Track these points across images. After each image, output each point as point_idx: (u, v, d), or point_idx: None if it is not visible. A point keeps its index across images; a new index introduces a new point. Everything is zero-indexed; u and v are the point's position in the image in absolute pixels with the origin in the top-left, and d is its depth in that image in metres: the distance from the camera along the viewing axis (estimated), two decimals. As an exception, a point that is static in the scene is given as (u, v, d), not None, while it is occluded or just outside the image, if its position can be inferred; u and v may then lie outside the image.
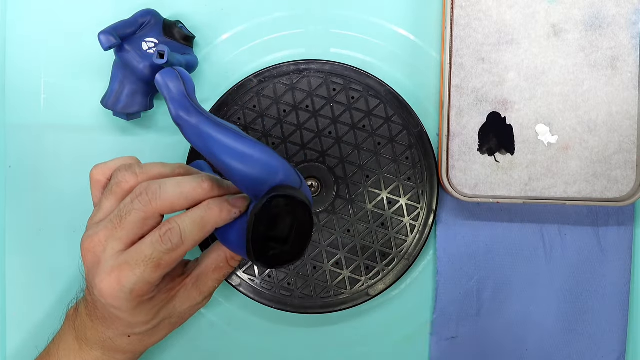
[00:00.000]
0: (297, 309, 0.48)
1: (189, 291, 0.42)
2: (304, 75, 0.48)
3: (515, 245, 0.50)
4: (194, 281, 0.42)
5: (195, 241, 0.37)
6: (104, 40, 0.44)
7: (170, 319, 0.42)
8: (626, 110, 0.47)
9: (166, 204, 0.37)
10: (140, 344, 0.42)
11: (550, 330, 0.50)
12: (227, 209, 0.37)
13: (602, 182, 0.47)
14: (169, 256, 0.37)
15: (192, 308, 0.43)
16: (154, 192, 0.37)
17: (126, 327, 0.40)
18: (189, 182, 0.38)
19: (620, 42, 0.47)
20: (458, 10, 0.47)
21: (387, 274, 0.48)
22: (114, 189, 0.39)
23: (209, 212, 0.37)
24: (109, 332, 0.41)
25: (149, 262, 0.36)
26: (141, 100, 0.47)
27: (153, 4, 0.49)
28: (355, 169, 0.48)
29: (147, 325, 0.41)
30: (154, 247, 0.36)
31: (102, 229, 0.38)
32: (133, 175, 0.39)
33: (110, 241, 0.38)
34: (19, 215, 0.51)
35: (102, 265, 0.37)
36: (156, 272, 0.37)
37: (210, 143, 0.35)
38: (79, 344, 0.43)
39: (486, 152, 0.47)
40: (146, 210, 0.37)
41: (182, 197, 0.37)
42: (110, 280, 0.37)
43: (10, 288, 0.51)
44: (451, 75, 0.47)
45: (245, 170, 0.35)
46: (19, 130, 0.51)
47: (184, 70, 0.37)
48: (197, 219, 0.37)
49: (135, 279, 0.36)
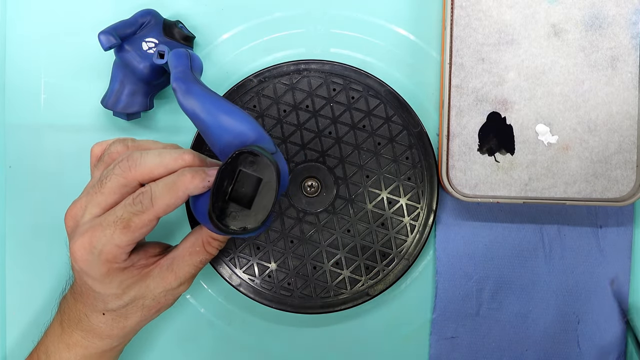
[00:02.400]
0: (297, 309, 0.48)
1: (164, 272, 0.41)
2: (304, 75, 0.48)
3: (515, 246, 0.50)
4: (170, 262, 0.42)
5: (166, 205, 0.37)
6: (104, 40, 0.44)
7: (144, 300, 0.42)
8: (626, 110, 0.47)
9: (145, 170, 0.38)
10: (115, 325, 0.42)
11: (550, 330, 0.50)
12: (200, 175, 0.37)
13: (602, 182, 0.47)
14: (138, 218, 0.37)
15: (168, 293, 0.42)
16: (135, 160, 0.38)
17: (99, 301, 0.40)
18: (170, 153, 0.38)
19: (620, 42, 0.47)
20: (458, 10, 0.47)
21: (387, 274, 0.48)
22: (105, 159, 0.41)
23: (181, 177, 0.37)
24: (85, 309, 0.41)
25: (118, 223, 0.37)
26: (141, 100, 0.47)
27: (153, 4, 0.49)
28: (355, 169, 0.48)
29: (119, 301, 0.41)
30: (125, 209, 0.37)
31: (84, 195, 0.39)
32: (124, 146, 0.40)
33: (89, 206, 0.39)
34: (19, 215, 0.51)
35: (78, 229, 0.38)
36: (125, 235, 0.37)
37: (195, 105, 0.37)
38: (62, 328, 0.43)
39: (486, 152, 0.47)
40: (125, 176, 0.38)
41: (161, 166, 0.38)
42: (82, 241, 0.38)
43: (10, 288, 0.51)
44: (451, 75, 0.47)
45: (221, 132, 0.37)
46: (19, 130, 0.51)
47: (194, 54, 0.40)
48: (169, 183, 0.37)
49: (104, 239, 0.37)
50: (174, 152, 0.38)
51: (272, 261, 0.48)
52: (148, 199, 0.37)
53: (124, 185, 0.38)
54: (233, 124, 0.37)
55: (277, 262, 0.48)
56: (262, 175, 0.36)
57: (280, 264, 0.48)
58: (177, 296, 0.43)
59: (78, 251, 0.38)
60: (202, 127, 0.38)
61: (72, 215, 0.39)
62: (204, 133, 0.38)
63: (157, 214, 0.37)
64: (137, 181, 0.38)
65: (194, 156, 0.38)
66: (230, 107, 0.38)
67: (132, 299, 0.41)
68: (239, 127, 0.37)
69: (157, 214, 0.37)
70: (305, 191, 0.48)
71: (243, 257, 0.48)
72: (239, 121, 0.37)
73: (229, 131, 0.37)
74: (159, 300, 0.42)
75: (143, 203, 0.37)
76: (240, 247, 0.48)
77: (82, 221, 0.39)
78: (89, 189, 0.39)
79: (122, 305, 0.41)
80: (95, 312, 0.41)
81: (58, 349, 0.43)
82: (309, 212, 0.48)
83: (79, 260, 0.38)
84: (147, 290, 0.41)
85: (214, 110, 0.37)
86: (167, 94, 0.51)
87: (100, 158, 0.41)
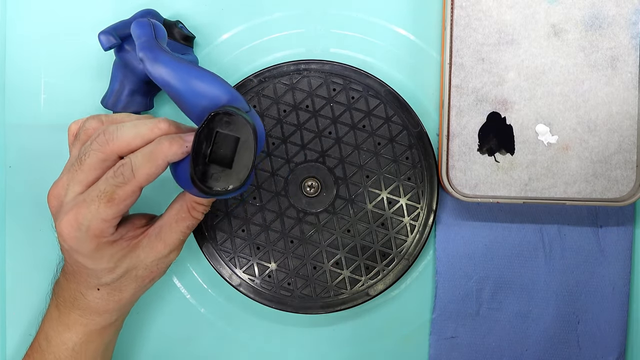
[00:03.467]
0: (297, 309, 0.48)
1: (153, 242, 0.42)
2: (304, 75, 0.48)
3: (515, 246, 0.50)
4: (157, 231, 0.42)
5: (147, 174, 0.37)
6: (104, 40, 0.44)
7: (137, 270, 0.42)
8: (626, 110, 0.47)
9: (122, 143, 0.38)
10: (111, 298, 0.42)
11: (550, 331, 0.50)
12: (178, 142, 0.37)
13: (602, 182, 0.47)
14: (121, 190, 0.37)
15: (159, 261, 0.42)
16: (111, 133, 0.38)
17: (92, 277, 0.41)
18: (145, 123, 0.38)
19: (620, 42, 0.47)
20: (458, 10, 0.47)
21: (387, 274, 0.48)
22: (81, 136, 0.41)
23: (159, 146, 0.37)
24: (80, 287, 0.41)
25: (102, 197, 0.37)
26: (141, 100, 0.47)
27: (153, 4, 0.49)
28: (355, 169, 0.48)
29: (112, 274, 0.41)
30: (107, 182, 0.37)
31: (65, 174, 0.39)
32: (99, 122, 0.40)
33: (72, 184, 0.39)
34: (19, 215, 0.51)
35: (62, 208, 0.39)
36: (110, 208, 0.37)
37: (165, 72, 0.38)
38: (58, 311, 0.43)
39: (486, 152, 0.47)
40: (104, 151, 0.38)
41: (138, 137, 0.38)
42: (68, 219, 0.38)
43: (10, 288, 0.51)
44: (451, 75, 0.47)
45: (194, 97, 0.37)
46: (19, 130, 0.51)
47: (157, 22, 0.40)
48: (147, 153, 0.37)
49: (90, 215, 0.37)
50: (148, 122, 0.39)
51: (272, 261, 0.48)
52: (129, 170, 0.37)
53: (103, 160, 0.38)
54: (205, 88, 0.38)
55: (277, 262, 0.48)
56: (239, 134, 0.36)
57: (280, 264, 0.48)
58: (168, 264, 0.44)
59: (65, 229, 0.38)
60: (174, 95, 0.38)
61: (55, 195, 0.40)
62: (177, 100, 0.38)
63: (139, 184, 0.38)
64: (116, 154, 0.38)
65: (169, 124, 0.39)
66: (200, 71, 0.38)
67: (125, 271, 0.41)
68: (212, 90, 0.38)
69: (140, 184, 0.38)
70: (305, 191, 0.48)
71: (243, 257, 0.48)
72: (210, 84, 0.38)
73: (203, 96, 0.37)
74: (152, 270, 0.43)
75: (124, 175, 0.37)
76: (240, 247, 0.48)
77: (65, 200, 0.39)
78: (69, 167, 0.39)
79: (115, 278, 0.41)
80: (89, 289, 0.41)
81: (58, 332, 0.43)
82: (309, 212, 0.48)
83: (67, 238, 0.38)
84: (138, 260, 0.42)
85: (185, 76, 0.38)
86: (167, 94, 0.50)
87: (77, 135, 0.41)
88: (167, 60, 0.38)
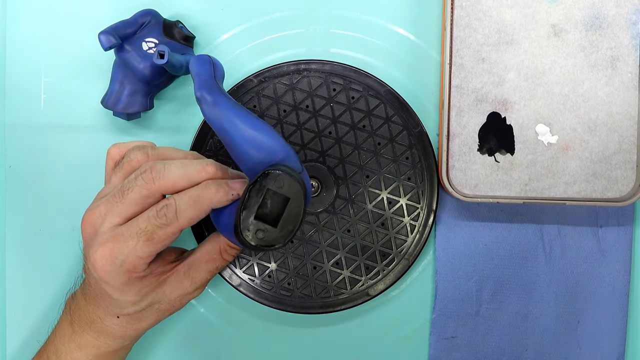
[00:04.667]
0: (297, 309, 0.48)
1: (181, 278, 0.42)
2: (304, 75, 0.48)
3: (515, 246, 0.50)
4: (186, 269, 0.42)
5: (190, 219, 0.37)
6: (104, 40, 0.44)
7: (160, 305, 0.42)
8: (626, 110, 0.47)
9: (168, 183, 0.38)
10: (129, 327, 0.42)
11: (550, 331, 0.50)
12: (224, 189, 0.37)
13: (602, 182, 0.47)
14: (162, 231, 0.37)
15: (183, 297, 0.43)
16: (158, 171, 0.38)
17: (115, 306, 0.41)
18: (193, 164, 0.38)
19: (620, 42, 0.47)
20: (458, 10, 0.47)
21: (387, 274, 0.48)
22: (124, 166, 0.40)
23: (205, 190, 0.37)
24: (99, 311, 0.41)
25: (142, 235, 0.37)
26: (141, 100, 0.47)
27: (153, 4, 0.49)
28: (355, 169, 0.48)
29: (136, 307, 0.41)
30: (148, 221, 0.37)
31: (103, 203, 0.39)
32: (144, 154, 0.40)
33: (109, 215, 0.38)
34: (19, 215, 0.51)
35: (97, 237, 0.38)
36: (148, 247, 0.37)
37: (223, 119, 0.37)
38: (72, 328, 0.43)
39: (486, 152, 0.47)
40: (148, 188, 0.38)
41: (184, 178, 0.38)
42: (104, 251, 0.37)
43: (10, 288, 0.51)
44: (451, 75, 0.47)
45: (252, 151, 0.37)
46: (19, 130, 0.51)
47: (216, 59, 0.39)
48: (193, 197, 0.37)
49: (127, 251, 0.37)
50: (197, 164, 0.38)
51: (272, 261, 0.48)
52: (172, 212, 0.37)
53: (146, 197, 0.38)
54: (262, 141, 0.37)
55: (277, 262, 0.48)
56: (290, 194, 0.36)
57: (280, 264, 0.48)
58: (190, 299, 0.44)
59: (99, 261, 0.38)
60: (228, 141, 0.37)
61: (90, 222, 0.39)
62: (230, 147, 0.38)
63: (181, 227, 0.38)
64: (160, 193, 0.38)
65: (216, 168, 0.39)
66: (258, 122, 0.37)
67: (148, 304, 0.41)
68: (269, 144, 0.37)
69: (181, 227, 0.38)
70: (305, 191, 0.48)
71: (243, 257, 0.48)
72: (268, 138, 0.37)
73: (259, 148, 0.37)
74: (174, 304, 0.43)
75: (167, 216, 0.37)
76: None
77: (101, 229, 0.38)
78: (109, 197, 0.39)
79: (138, 310, 0.41)
80: (109, 316, 0.41)
81: (69, 349, 0.43)
82: (309, 212, 0.48)
83: (99, 269, 0.38)
84: (163, 295, 0.42)
85: (242, 125, 0.37)
86: (167, 94, 0.51)
87: (119, 164, 0.41)
88: (226, 105, 0.37)
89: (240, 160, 0.38)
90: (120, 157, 0.42)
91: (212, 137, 0.48)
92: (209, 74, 0.38)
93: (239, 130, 0.37)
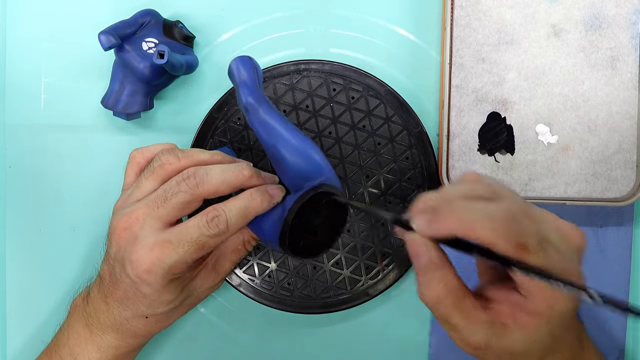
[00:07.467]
0: (297, 309, 0.48)
1: (209, 271, 0.44)
2: (304, 75, 0.48)
3: (515, 245, 0.50)
4: (214, 262, 0.45)
5: (238, 228, 0.39)
6: (104, 40, 0.44)
7: (190, 299, 0.44)
8: (626, 110, 0.47)
9: (211, 189, 0.39)
10: (156, 325, 0.43)
11: (550, 330, 0.50)
12: (267, 199, 0.39)
13: (602, 182, 0.47)
14: (213, 240, 0.39)
15: (209, 289, 0.45)
16: (201, 177, 0.39)
17: (149, 307, 0.41)
18: (231, 169, 0.40)
19: (620, 42, 0.47)
20: (458, 10, 0.47)
21: (387, 274, 0.48)
22: (157, 171, 0.41)
23: (252, 202, 0.39)
24: (126, 313, 0.41)
25: (193, 244, 0.38)
26: (141, 100, 0.47)
27: (153, 4, 0.49)
28: (355, 169, 0.48)
29: (170, 305, 0.42)
30: (200, 231, 0.38)
31: (141, 207, 0.39)
32: (176, 158, 0.41)
33: (149, 219, 0.39)
34: (19, 215, 0.51)
35: (140, 241, 0.39)
36: (197, 254, 0.39)
37: (274, 133, 0.39)
38: (89, 330, 0.43)
39: (486, 152, 0.47)
40: (193, 194, 0.39)
41: (225, 183, 0.39)
42: (151, 256, 0.38)
43: (10, 288, 0.51)
44: (451, 75, 0.47)
45: (297, 163, 0.39)
46: (19, 130, 0.51)
47: (257, 62, 0.40)
48: (242, 208, 0.39)
49: (177, 257, 0.38)
50: (234, 168, 0.40)
51: (272, 261, 0.48)
52: (224, 224, 0.38)
53: (189, 202, 0.39)
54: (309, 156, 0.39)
55: (277, 262, 0.48)
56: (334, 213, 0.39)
57: (280, 264, 0.48)
58: (214, 291, 0.46)
59: (146, 264, 0.38)
60: (274, 153, 0.39)
61: (127, 226, 0.39)
62: (275, 157, 0.39)
63: (229, 235, 0.39)
64: (203, 198, 0.39)
65: (251, 171, 0.40)
66: (301, 134, 0.39)
67: (181, 301, 0.42)
68: (316, 159, 0.39)
69: (230, 236, 0.40)
70: (305, 191, 0.48)
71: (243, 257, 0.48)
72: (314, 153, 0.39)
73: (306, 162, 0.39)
74: (199, 298, 0.45)
75: (219, 227, 0.38)
76: (240, 247, 0.48)
77: (142, 233, 0.39)
78: (148, 202, 0.39)
79: (171, 308, 0.42)
80: (137, 317, 0.42)
81: (87, 351, 0.43)
82: (309, 212, 0.48)
83: (144, 272, 0.38)
84: (193, 290, 0.44)
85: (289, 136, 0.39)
86: (167, 94, 0.51)
87: (149, 168, 0.41)
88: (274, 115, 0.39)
89: (284, 170, 0.39)
90: (145, 161, 0.42)
91: (212, 137, 0.48)
92: (253, 79, 0.39)
93: (287, 141, 0.39)
